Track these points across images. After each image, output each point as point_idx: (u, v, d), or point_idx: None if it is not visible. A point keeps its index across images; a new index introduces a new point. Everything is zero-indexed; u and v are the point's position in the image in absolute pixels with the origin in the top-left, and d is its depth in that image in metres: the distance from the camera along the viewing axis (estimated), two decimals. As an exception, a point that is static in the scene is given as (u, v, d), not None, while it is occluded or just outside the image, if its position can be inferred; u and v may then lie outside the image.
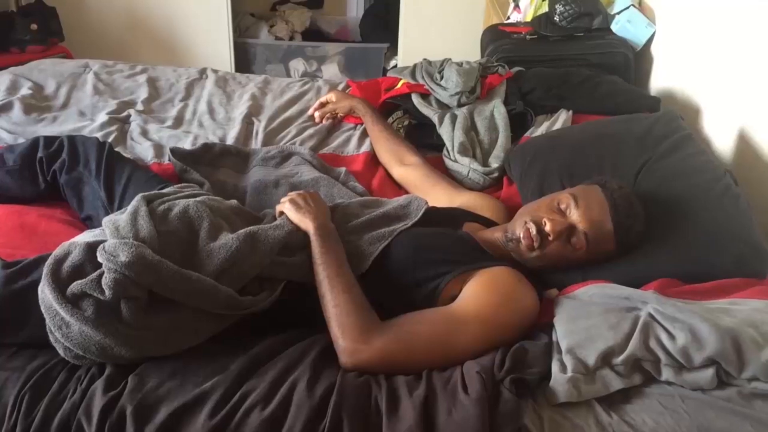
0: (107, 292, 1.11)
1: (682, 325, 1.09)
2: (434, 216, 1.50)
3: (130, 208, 1.31)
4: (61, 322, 1.11)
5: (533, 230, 1.35)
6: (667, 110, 1.88)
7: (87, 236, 1.28)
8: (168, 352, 1.15)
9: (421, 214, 1.47)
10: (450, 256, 1.34)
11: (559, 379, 1.08)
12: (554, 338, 1.18)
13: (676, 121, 1.73)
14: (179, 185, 1.53)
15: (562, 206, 1.37)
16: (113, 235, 1.23)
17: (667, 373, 1.08)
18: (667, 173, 1.56)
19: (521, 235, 1.37)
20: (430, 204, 1.53)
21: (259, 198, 1.68)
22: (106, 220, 1.30)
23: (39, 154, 1.61)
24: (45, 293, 1.13)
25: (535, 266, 1.40)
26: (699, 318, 1.09)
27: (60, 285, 1.13)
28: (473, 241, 1.42)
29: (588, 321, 1.16)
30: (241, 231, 1.28)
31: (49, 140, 1.64)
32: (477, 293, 1.24)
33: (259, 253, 1.26)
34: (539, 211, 1.38)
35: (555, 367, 1.11)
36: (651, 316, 1.13)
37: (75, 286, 1.13)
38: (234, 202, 1.47)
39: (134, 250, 1.15)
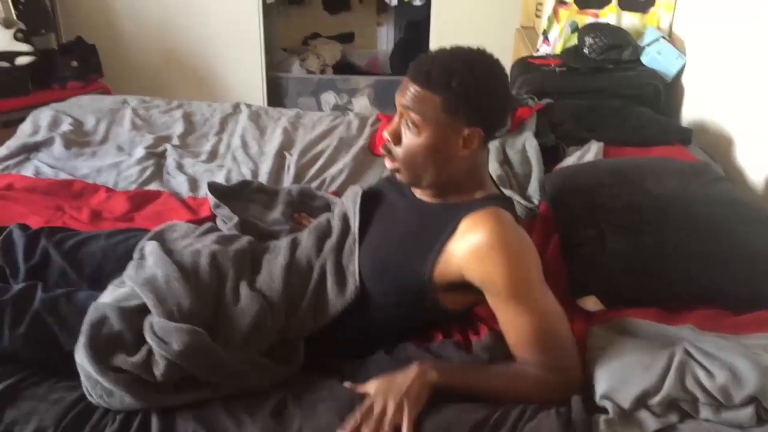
0: (158, 376, 1.13)
1: (721, 363, 1.07)
2: (378, 195, 1.44)
3: (157, 267, 1.29)
4: (101, 391, 1.12)
5: (383, 150, 1.32)
6: (702, 162, 1.88)
7: (115, 294, 1.27)
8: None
9: (357, 220, 1.38)
10: (411, 246, 1.28)
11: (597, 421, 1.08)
12: (587, 373, 1.17)
13: (711, 165, 1.74)
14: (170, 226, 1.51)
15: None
16: (157, 309, 1.20)
17: (705, 412, 1.07)
18: (711, 198, 1.57)
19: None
20: None
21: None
22: (138, 281, 1.26)
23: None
24: (84, 364, 1.14)
25: (434, 182, 1.30)
26: (738, 355, 1.07)
27: (100, 355, 1.14)
28: (423, 204, 1.34)
29: (622, 361, 1.14)
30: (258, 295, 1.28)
31: None
32: (500, 273, 1.17)
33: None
34: None
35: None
36: (687, 353, 1.12)
37: (122, 362, 1.13)
38: (245, 240, 1.44)
39: (189, 338, 1.14)
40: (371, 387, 1.14)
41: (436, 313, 1.30)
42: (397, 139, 1.28)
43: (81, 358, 1.15)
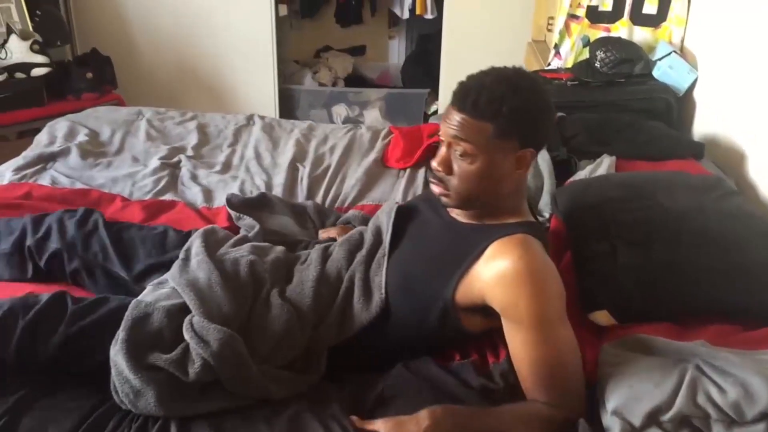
0: (191, 374, 1.14)
1: (734, 379, 1.07)
2: (412, 211, 1.44)
3: (200, 270, 1.32)
4: (129, 390, 1.13)
5: (432, 178, 1.31)
6: (715, 176, 1.88)
7: (156, 294, 1.30)
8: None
9: (390, 234, 1.39)
10: (440, 264, 1.28)
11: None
12: (597, 390, 1.17)
13: (724, 180, 1.74)
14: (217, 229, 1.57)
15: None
16: (198, 309, 1.23)
17: (717, 429, 1.06)
18: (723, 212, 1.56)
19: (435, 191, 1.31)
20: None
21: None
22: (181, 282, 1.29)
23: (27, 243, 1.56)
24: (119, 359, 1.15)
25: (486, 207, 1.31)
26: (751, 371, 1.07)
27: (137, 352, 1.15)
28: (456, 224, 1.35)
29: (633, 378, 1.14)
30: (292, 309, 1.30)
31: (36, 223, 1.60)
32: (523, 303, 1.17)
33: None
34: None
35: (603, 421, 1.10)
36: (699, 369, 1.12)
37: (157, 359, 1.15)
38: (279, 249, 1.48)
39: (226, 340, 1.16)
40: (381, 428, 1.12)
41: (456, 333, 1.30)
42: (449, 169, 1.28)
43: (116, 352, 1.15)
